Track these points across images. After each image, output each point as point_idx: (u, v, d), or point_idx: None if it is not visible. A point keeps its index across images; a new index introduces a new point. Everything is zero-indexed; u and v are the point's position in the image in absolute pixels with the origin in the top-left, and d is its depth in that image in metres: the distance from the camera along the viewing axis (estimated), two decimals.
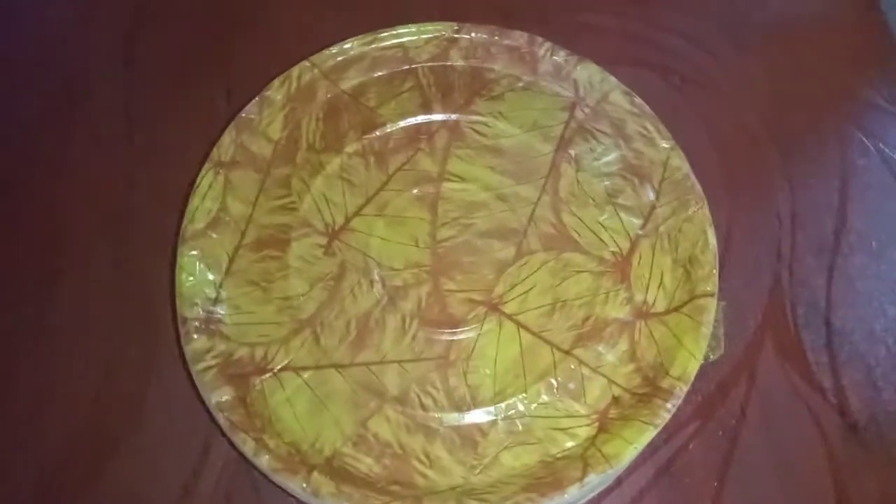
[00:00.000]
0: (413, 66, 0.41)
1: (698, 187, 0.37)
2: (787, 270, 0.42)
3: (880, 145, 0.45)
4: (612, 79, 0.40)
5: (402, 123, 0.41)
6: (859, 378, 0.40)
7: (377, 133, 0.40)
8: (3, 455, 0.37)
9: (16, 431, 0.38)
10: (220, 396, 0.33)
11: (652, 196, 0.39)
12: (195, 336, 0.34)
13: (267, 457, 0.32)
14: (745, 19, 0.49)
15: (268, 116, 0.39)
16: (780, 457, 0.38)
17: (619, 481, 0.37)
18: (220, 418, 0.33)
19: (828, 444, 0.38)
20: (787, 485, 0.38)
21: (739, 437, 0.38)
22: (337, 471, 0.33)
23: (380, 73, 0.41)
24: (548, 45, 0.41)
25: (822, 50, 0.48)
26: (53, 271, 0.41)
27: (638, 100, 0.39)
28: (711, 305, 0.35)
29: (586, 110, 0.41)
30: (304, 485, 0.31)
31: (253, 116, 0.39)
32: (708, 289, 0.35)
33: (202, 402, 0.34)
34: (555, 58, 0.41)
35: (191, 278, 0.35)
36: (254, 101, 0.39)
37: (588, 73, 0.40)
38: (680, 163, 0.38)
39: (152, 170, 0.44)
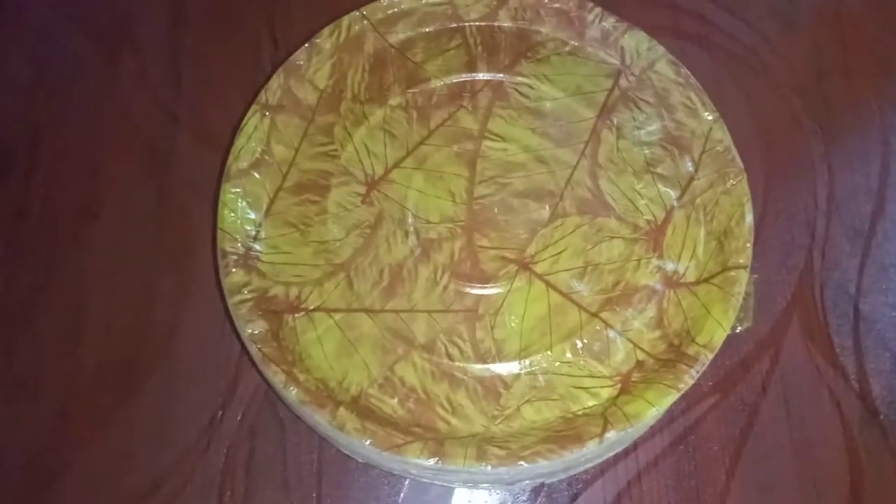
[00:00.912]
0: (461, 24, 0.42)
1: (739, 161, 0.37)
2: (820, 252, 0.42)
3: None
4: (660, 48, 0.40)
5: (447, 80, 0.41)
6: (883, 365, 0.40)
7: (421, 88, 0.41)
8: (36, 375, 0.39)
9: (50, 352, 0.39)
10: (254, 329, 0.34)
11: (691, 167, 0.39)
12: (234, 270, 0.35)
13: (296, 390, 0.33)
14: (794, 0, 0.49)
15: (315, 64, 0.40)
16: (797, 436, 0.38)
17: (634, 446, 0.38)
18: (253, 350, 0.34)
19: (846, 427, 0.38)
20: (802, 464, 0.38)
21: (758, 414, 0.39)
22: (362, 409, 0.34)
23: (428, 29, 0.41)
24: (597, 10, 0.41)
25: (869, 33, 0.47)
26: (97, 201, 0.42)
27: (684, 70, 0.39)
28: (743, 277, 0.35)
29: (631, 78, 0.41)
30: (331, 419, 0.32)
31: (301, 62, 0.39)
32: (741, 261, 0.35)
33: (235, 334, 0.36)
34: (603, 24, 0.41)
35: (232, 214, 0.36)
36: (303, 47, 0.39)
37: (636, 40, 0.40)
38: (722, 135, 0.38)
39: (197, 110, 0.44)
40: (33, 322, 0.40)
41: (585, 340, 0.36)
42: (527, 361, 0.35)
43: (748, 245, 0.36)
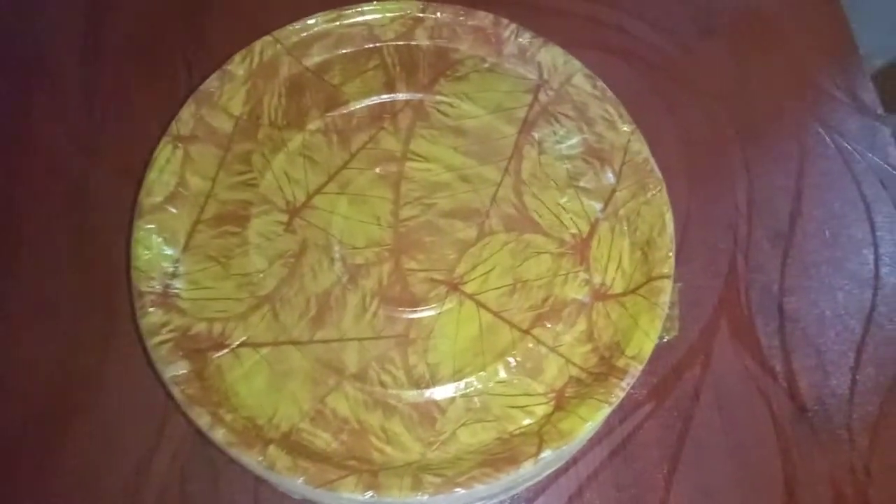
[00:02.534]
0: (378, 44, 0.41)
1: (657, 171, 0.38)
2: (744, 255, 0.43)
3: (836, 136, 0.46)
4: (576, 62, 0.40)
5: (366, 102, 0.40)
6: (809, 362, 0.41)
7: (341, 111, 0.40)
8: None
9: None
10: (175, 370, 0.33)
11: (612, 179, 0.39)
12: (151, 309, 0.34)
13: (223, 430, 0.32)
14: (711, 7, 0.50)
15: (229, 91, 0.39)
16: (732, 438, 0.39)
17: (573, 461, 0.38)
18: (176, 392, 0.32)
19: (778, 425, 0.39)
20: (738, 465, 0.39)
21: (693, 419, 0.39)
22: (294, 446, 0.33)
23: (344, 51, 0.41)
24: (513, 26, 0.41)
25: (785, 40, 0.49)
26: (14, 242, 0.40)
27: (600, 83, 0.40)
28: (667, 287, 0.35)
29: (550, 93, 0.41)
30: (260, 458, 0.31)
31: (213, 90, 0.38)
32: (664, 271, 0.36)
33: (159, 377, 0.34)
34: (520, 40, 0.41)
35: (147, 252, 0.35)
36: (214, 74, 0.38)
37: (552, 55, 0.41)
38: (640, 147, 0.38)
39: (113, 143, 0.43)
40: None
41: (518, 358, 0.36)
42: (461, 384, 0.35)
43: (670, 255, 0.36)
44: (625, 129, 0.39)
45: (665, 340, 0.37)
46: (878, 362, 0.41)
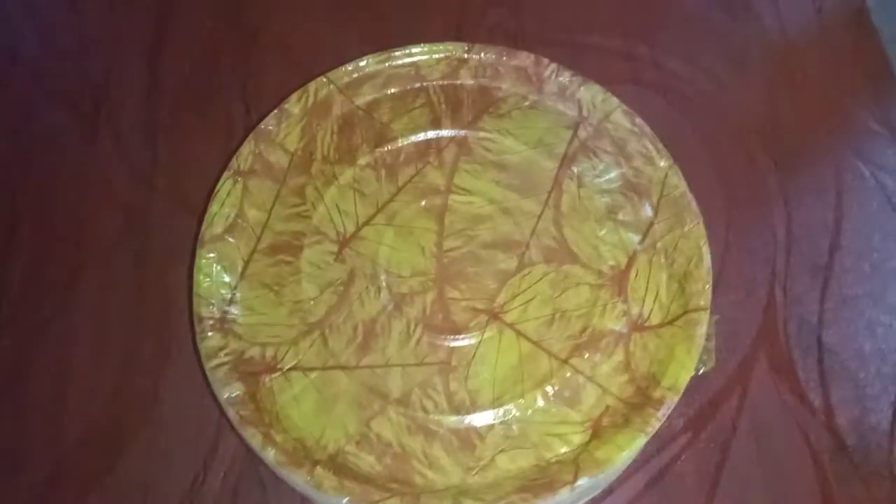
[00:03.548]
0: (424, 83, 0.43)
1: (694, 205, 0.39)
2: (782, 288, 0.43)
3: (873, 168, 0.46)
4: (615, 99, 0.42)
5: (413, 138, 0.42)
6: (848, 395, 0.41)
7: (389, 147, 0.42)
8: (22, 443, 0.39)
9: (35, 421, 0.40)
10: (230, 392, 0.35)
11: (650, 213, 0.40)
12: (210, 334, 0.36)
13: (273, 451, 0.33)
14: (745, 42, 0.51)
15: (285, 128, 0.41)
16: (769, 471, 0.39)
17: (610, 490, 0.38)
18: (231, 413, 0.34)
19: (816, 459, 0.39)
20: (775, 498, 0.39)
21: (730, 450, 0.40)
22: (340, 467, 0.34)
23: (393, 90, 0.43)
24: (553, 66, 0.42)
25: (819, 73, 0.50)
26: (77, 270, 0.43)
27: (639, 119, 0.41)
28: (704, 319, 0.36)
29: (589, 129, 0.42)
30: (308, 478, 0.33)
31: (272, 128, 0.41)
32: (701, 303, 0.37)
33: (214, 398, 0.36)
34: (560, 78, 0.42)
35: (207, 279, 0.37)
36: (273, 113, 0.41)
37: (591, 93, 0.42)
38: (678, 181, 0.40)
39: (172, 178, 0.46)
40: (17, 391, 0.40)
41: (557, 387, 0.37)
42: (500, 411, 0.36)
43: (707, 287, 0.37)
44: (662, 164, 0.40)
45: (701, 372, 0.38)
46: None
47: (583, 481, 0.33)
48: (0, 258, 0.43)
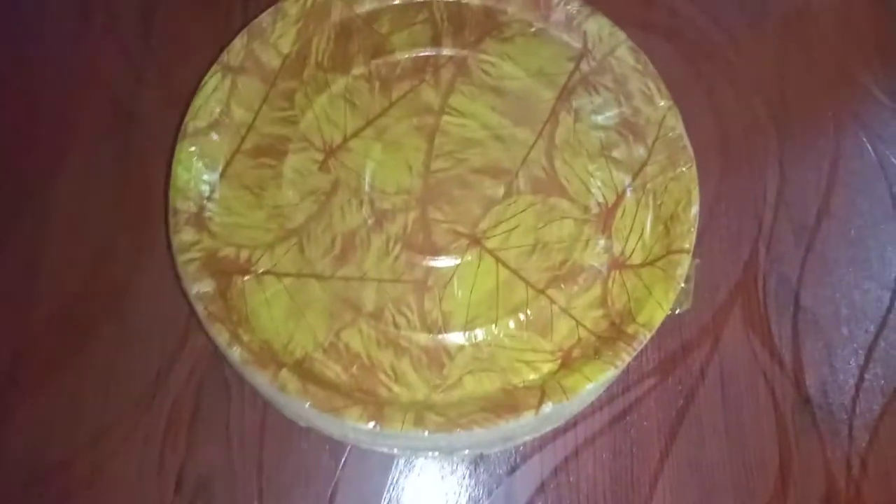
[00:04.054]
0: None
1: (689, 149, 0.38)
2: (766, 244, 0.43)
3: (873, 137, 0.46)
4: (621, 34, 0.41)
5: (411, 53, 0.41)
6: (818, 356, 0.41)
7: (385, 59, 0.41)
8: None
9: (6, 300, 0.39)
10: (201, 288, 0.34)
11: (643, 153, 0.39)
12: (185, 227, 0.35)
13: (239, 349, 0.33)
14: (764, 1, 0.49)
15: (280, 28, 0.40)
16: (731, 419, 0.39)
17: (574, 422, 0.39)
18: (199, 308, 0.34)
19: (779, 412, 0.40)
20: (734, 447, 0.39)
21: (695, 397, 0.40)
22: (305, 372, 0.34)
23: (395, 2, 0.42)
24: None
25: (832, 39, 0.49)
26: (57, 152, 0.42)
27: (643, 57, 0.40)
28: (685, 261, 0.36)
29: (592, 63, 0.41)
30: (272, 379, 0.33)
31: (266, 25, 0.39)
32: (684, 245, 0.36)
33: (185, 295, 0.36)
34: (568, 7, 0.41)
35: (186, 173, 0.36)
36: (268, 10, 0.39)
37: (598, 25, 0.41)
38: (675, 123, 0.39)
39: (163, 69, 0.44)
40: None
41: (531, 315, 0.37)
42: (472, 333, 0.36)
43: (692, 230, 0.37)
44: (662, 104, 0.39)
45: (678, 312, 0.38)
46: (886, 364, 0.41)
47: (547, 407, 0.33)
48: None
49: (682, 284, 0.36)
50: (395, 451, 0.35)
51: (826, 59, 0.48)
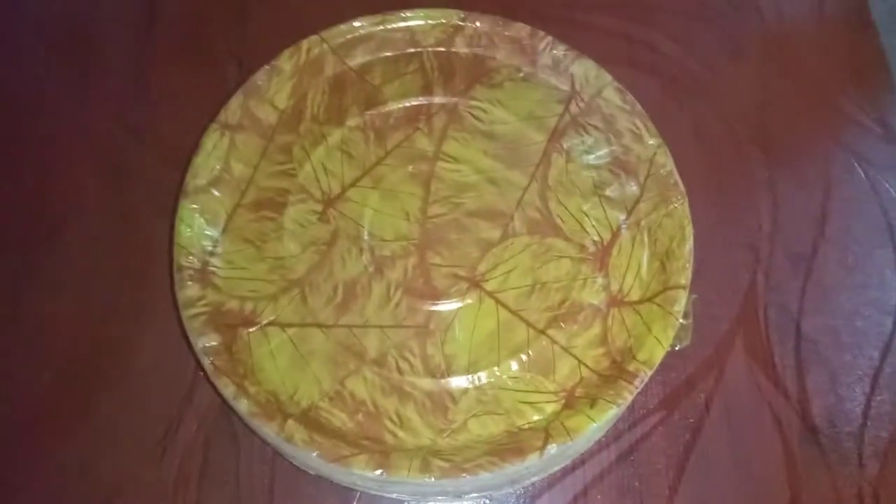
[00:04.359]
0: (419, 49, 0.43)
1: (681, 185, 0.39)
2: (764, 275, 0.43)
3: (863, 163, 0.46)
4: (607, 76, 0.42)
5: (404, 103, 0.42)
6: (823, 384, 0.41)
7: (379, 110, 0.42)
8: (4, 386, 0.39)
9: (13, 366, 0.39)
10: (207, 342, 0.35)
11: (636, 190, 0.40)
12: (189, 283, 0.36)
13: (246, 402, 0.33)
14: (741, 29, 0.51)
15: (276, 85, 0.41)
16: (739, 452, 0.39)
17: (581, 461, 0.39)
18: (206, 362, 0.34)
19: (786, 444, 0.40)
20: (743, 479, 0.39)
21: (701, 431, 0.40)
22: (311, 422, 0.34)
23: (386, 54, 0.43)
24: (548, 39, 0.42)
25: (815, 67, 0.50)
26: (60, 216, 0.43)
27: (630, 97, 0.41)
28: (682, 297, 0.36)
29: (581, 104, 0.42)
30: (279, 430, 0.33)
31: (261, 83, 0.41)
32: (681, 281, 0.37)
33: (190, 349, 0.36)
34: (554, 52, 0.42)
35: (189, 230, 0.37)
36: (263, 68, 0.41)
37: (584, 68, 0.42)
38: (665, 160, 0.40)
39: (161, 129, 0.45)
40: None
41: (532, 356, 0.37)
42: (475, 376, 0.36)
43: (688, 266, 0.37)
44: (651, 142, 0.40)
45: (677, 349, 0.38)
46: (893, 390, 0.41)
47: (552, 448, 0.33)
48: None
49: (681, 321, 0.36)
50: (404, 496, 0.36)
51: (809, 86, 0.49)
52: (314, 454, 0.33)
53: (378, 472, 0.32)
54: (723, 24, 0.51)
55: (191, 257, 0.37)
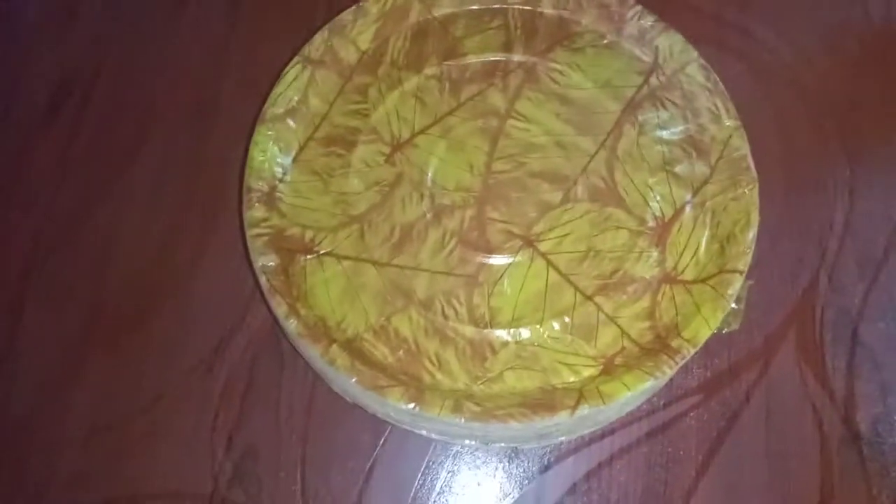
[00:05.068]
0: (504, 5, 0.43)
1: (753, 170, 0.38)
2: (828, 274, 0.42)
3: None
4: (693, 51, 0.41)
5: (483, 58, 0.43)
6: (872, 392, 0.40)
7: (457, 62, 0.42)
8: (70, 280, 0.42)
9: (84, 268, 0.42)
10: (266, 261, 0.36)
11: (706, 171, 0.39)
12: (256, 205, 0.38)
13: (295, 322, 0.35)
14: (843, 24, 0.48)
15: (360, 25, 0.42)
16: (774, 447, 0.39)
17: (611, 430, 0.39)
18: (262, 280, 0.36)
19: (825, 447, 0.39)
20: (774, 475, 0.38)
21: (738, 420, 0.39)
22: (355, 350, 0.36)
23: (471, 7, 0.43)
24: (637, 7, 0.42)
25: None
26: (141, 136, 0.45)
27: (713, 76, 0.40)
28: (737, 281, 0.36)
29: (661, 78, 0.42)
30: (323, 353, 0.34)
31: (347, 22, 0.41)
32: (738, 266, 0.36)
33: (250, 268, 0.38)
34: (641, 21, 0.42)
35: (262, 154, 0.39)
36: (350, 8, 0.41)
37: (670, 41, 0.41)
38: (741, 143, 0.39)
39: (246, 55, 0.47)
40: (72, 242, 0.43)
41: (576, 320, 0.37)
42: (517, 331, 0.37)
43: (748, 252, 0.36)
44: (728, 123, 0.39)
45: (724, 332, 0.37)
46: None
47: (583, 410, 0.33)
48: (74, 114, 0.46)
49: (733, 305, 0.36)
50: (433, 435, 0.37)
51: None
52: (353, 380, 0.34)
53: (411, 405, 0.33)
54: (824, 17, 0.49)
55: (260, 182, 0.38)
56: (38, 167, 0.45)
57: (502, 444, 0.37)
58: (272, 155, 0.39)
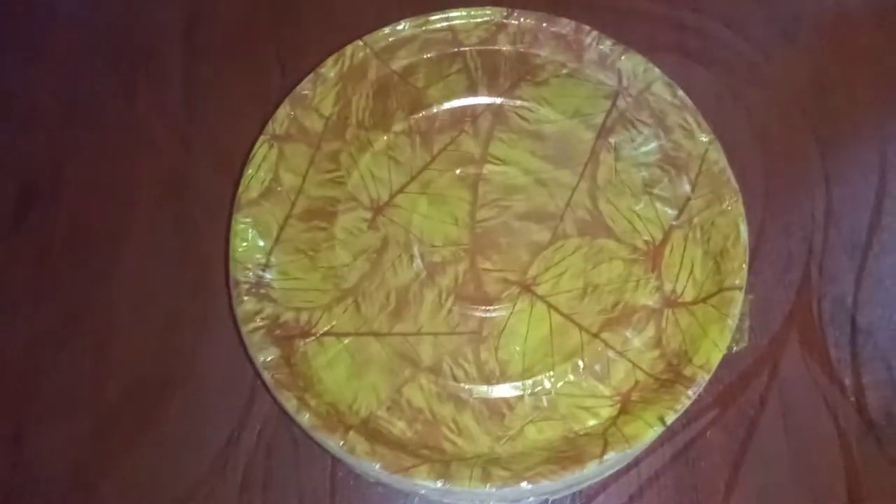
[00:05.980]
0: (462, 48, 0.42)
1: (734, 182, 0.38)
2: (818, 266, 0.42)
3: None
4: (656, 70, 0.41)
5: (449, 105, 0.42)
6: (880, 377, 0.40)
7: (424, 113, 0.42)
8: (70, 394, 0.40)
9: (81, 373, 0.41)
10: (266, 356, 0.35)
11: (688, 188, 0.40)
12: (245, 298, 0.37)
13: (308, 415, 0.34)
14: (795, 12, 0.49)
15: (321, 93, 0.41)
16: (795, 448, 0.39)
17: (636, 461, 0.39)
18: (266, 376, 0.35)
19: (844, 440, 0.39)
20: (800, 475, 0.39)
21: (757, 426, 0.40)
22: (372, 432, 0.35)
23: (429, 55, 0.42)
24: (594, 33, 0.41)
25: (871, 50, 0.48)
26: (119, 232, 0.44)
27: (680, 92, 0.40)
28: (738, 298, 0.36)
29: (629, 100, 0.41)
30: (342, 442, 0.34)
31: (307, 92, 0.40)
32: (736, 282, 0.36)
33: (249, 359, 0.37)
34: (600, 47, 0.41)
35: (243, 244, 0.38)
36: (308, 77, 0.40)
37: (632, 63, 0.41)
38: (717, 156, 0.39)
39: (210, 137, 0.46)
40: (66, 347, 0.41)
41: (586, 360, 0.37)
42: (530, 382, 0.37)
43: (743, 266, 0.36)
44: (703, 138, 0.39)
45: (734, 351, 0.38)
46: None
47: (610, 456, 0.33)
48: (44, 220, 0.44)
49: (737, 323, 0.36)
50: (463, 502, 0.36)
51: (865, 70, 0.48)
52: (377, 466, 0.33)
53: (440, 482, 0.33)
54: (776, 8, 0.49)
55: (246, 271, 0.37)
56: (12, 281, 0.43)
57: (532, 499, 0.37)
58: (253, 241, 0.38)
